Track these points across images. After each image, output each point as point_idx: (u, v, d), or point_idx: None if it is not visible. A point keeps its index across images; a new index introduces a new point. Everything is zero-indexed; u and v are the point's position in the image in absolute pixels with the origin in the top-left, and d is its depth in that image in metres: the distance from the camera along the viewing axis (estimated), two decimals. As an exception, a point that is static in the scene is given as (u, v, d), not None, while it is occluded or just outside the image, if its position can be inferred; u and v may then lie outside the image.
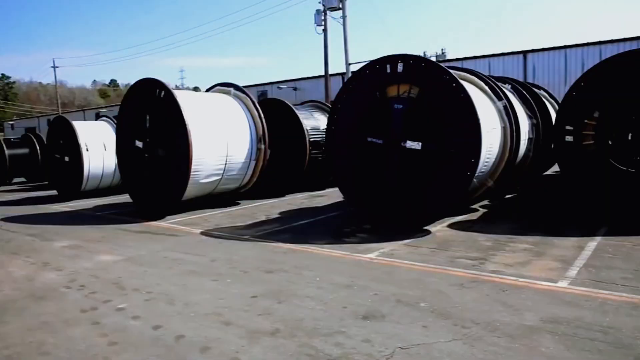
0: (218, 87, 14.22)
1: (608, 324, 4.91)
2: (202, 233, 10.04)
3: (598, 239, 8.40)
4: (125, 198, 14.75)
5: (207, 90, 14.68)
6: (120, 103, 13.95)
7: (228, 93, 13.73)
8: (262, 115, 13.16)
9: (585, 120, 9.85)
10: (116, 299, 6.15)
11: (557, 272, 6.67)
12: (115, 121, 15.26)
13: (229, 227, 10.52)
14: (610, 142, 9.65)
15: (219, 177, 12.26)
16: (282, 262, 7.60)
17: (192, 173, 11.25)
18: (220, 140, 12.11)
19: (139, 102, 12.32)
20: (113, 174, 16.62)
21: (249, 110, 13.27)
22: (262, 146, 12.97)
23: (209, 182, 12.09)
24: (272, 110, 14.74)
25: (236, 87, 13.82)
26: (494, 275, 6.59)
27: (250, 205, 13.44)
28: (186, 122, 11.04)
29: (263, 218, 11.54)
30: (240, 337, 4.90)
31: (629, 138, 9.45)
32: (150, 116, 12.04)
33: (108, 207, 14.52)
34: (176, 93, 11.66)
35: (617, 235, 8.59)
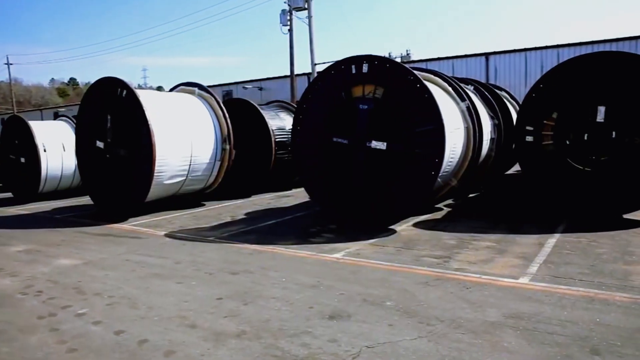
0: (182, 87, 14.00)
1: (566, 318, 5.06)
2: (166, 235, 9.86)
3: (557, 235, 8.65)
4: (85, 200, 14.36)
5: (171, 90, 14.44)
6: (80, 102, 13.56)
7: (192, 93, 13.54)
8: (227, 115, 13.03)
9: (545, 121, 10.14)
10: (76, 305, 5.97)
11: (518, 269, 6.83)
12: (75, 121, 14.83)
13: (194, 229, 10.37)
14: (567, 142, 9.95)
15: (184, 177, 12.07)
16: (247, 263, 7.53)
17: (155, 174, 11.03)
18: (184, 141, 11.93)
19: (100, 101, 12.02)
20: (73, 175, 16.17)
21: (214, 110, 13.11)
22: (227, 146, 12.84)
23: (173, 183, 11.89)
24: (238, 110, 14.62)
25: (200, 87, 13.64)
26: (458, 273, 6.71)
27: (215, 206, 13.28)
28: (149, 122, 10.82)
29: (228, 219, 11.42)
30: (205, 339, 4.82)
31: (585, 138, 9.78)
32: (111, 116, 11.75)
33: (67, 210, 14.10)
34: (138, 92, 11.43)
35: (574, 232, 8.87)
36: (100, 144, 11.95)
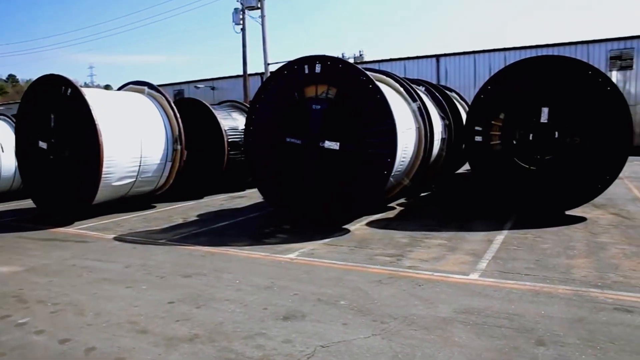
0: (131, 86, 13.60)
1: (513, 311, 5.24)
2: (114, 238, 9.55)
3: (505, 232, 8.94)
4: (27, 203, 13.71)
5: (119, 89, 14.00)
6: (20, 101, 12.94)
7: (142, 92, 13.18)
8: (178, 115, 12.76)
9: (492, 122, 10.46)
10: (16, 314, 5.67)
11: (468, 265, 7.02)
12: (15, 120, 14.13)
13: (144, 231, 10.09)
14: (514, 142, 10.30)
15: (133, 179, 11.73)
16: (200, 266, 7.39)
17: (103, 175, 10.67)
18: (133, 141, 11.59)
19: (43, 100, 11.50)
20: (13, 177, 15.38)
21: (164, 110, 12.81)
22: (179, 147, 12.58)
23: (122, 185, 11.53)
24: (189, 110, 14.35)
25: (150, 86, 13.30)
26: (410, 271, 6.82)
27: (166, 208, 12.98)
28: (96, 122, 10.46)
29: (180, 221, 11.19)
30: (156, 345, 4.70)
31: (530, 138, 10.15)
32: (55, 115, 11.28)
33: (7, 214, 13.42)
34: (84, 91, 11.02)
35: (521, 228, 9.20)
36: (43, 145, 11.45)
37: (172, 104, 13.00)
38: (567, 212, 10.20)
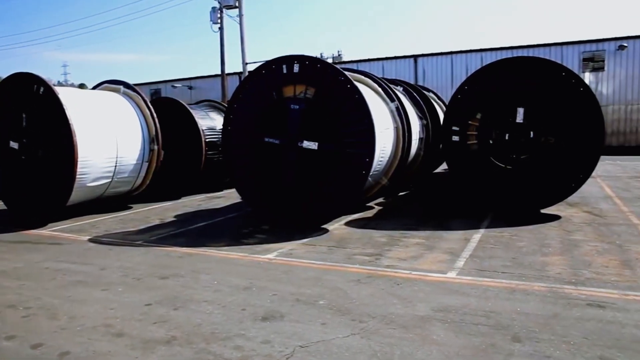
0: (106, 85, 13.38)
1: (490, 309, 5.31)
2: (90, 240, 9.38)
3: (482, 231, 9.06)
4: (-1, 205, 13.39)
5: (94, 88, 13.76)
6: (-9, 100, 12.59)
7: (117, 91, 12.97)
8: (154, 114, 12.59)
9: (469, 121, 10.58)
10: (-13, 317, 5.53)
11: (446, 263, 7.09)
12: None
13: (120, 233, 9.94)
14: (491, 142, 10.44)
15: (109, 179, 11.54)
16: (177, 267, 7.31)
17: (77, 176, 10.47)
18: (109, 141, 11.40)
19: (14, 98, 11.22)
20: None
21: (141, 110, 12.63)
22: (155, 147, 12.42)
23: (98, 186, 11.34)
24: (166, 109, 14.17)
25: (126, 85, 13.09)
26: (389, 270, 6.85)
27: (143, 209, 12.81)
28: (70, 121, 10.25)
29: (157, 222, 11.05)
30: (133, 348, 4.62)
31: (507, 138, 10.30)
32: (27, 115, 11.01)
33: (-21, 216, 13.08)
34: (58, 90, 10.80)
35: (498, 227, 9.33)
36: (14, 145, 11.17)
37: (149, 104, 12.83)
38: (542, 211, 10.38)
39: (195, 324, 5.15)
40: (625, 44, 28.57)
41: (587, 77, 28.87)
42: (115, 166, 11.55)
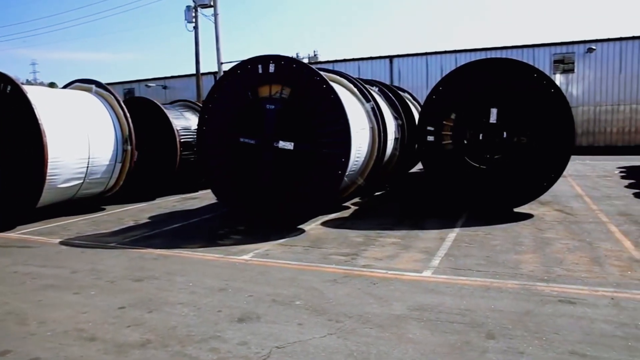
0: (77, 84, 13.11)
1: (465, 307, 5.37)
2: (61, 243, 9.17)
3: (457, 230, 9.16)
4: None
5: (65, 87, 13.47)
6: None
7: (89, 90, 12.72)
8: (127, 114, 12.40)
9: (444, 122, 10.70)
10: (-47, 323, 5.36)
11: (422, 263, 7.15)
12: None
13: (93, 235, 9.75)
14: (465, 142, 10.57)
15: (81, 181, 11.32)
16: (152, 269, 7.21)
17: (48, 177, 10.23)
18: (80, 141, 11.18)
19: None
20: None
21: (114, 110, 12.42)
22: (129, 147, 12.22)
23: (69, 187, 11.10)
24: (140, 109, 13.96)
25: (98, 84, 12.85)
26: (365, 270, 6.87)
27: (117, 210, 12.59)
28: (39, 121, 10.01)
29: (131, 223, 10.87)
30: (106, 352, 4.54)
31: (480, 138, 10.45)
32: (-5, 114, 10.72)
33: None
34: (26, 88, 10.54)
35: (472, 226, 9.45)
36: (-18, 146, 10.86)
37: (122, 103, 12.63)
38: (516, 209, 10.56)
39: (170, 326, 5.09)
40: (594, 47, 29.29)
41: (558, 79, 29.50)
42: (88, 167, 11.34)
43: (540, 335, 4.61)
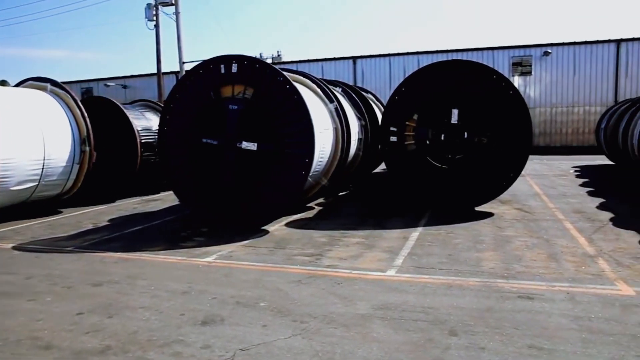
0: (31, 82, 12.64)
1: (428, 305, 5.44)
2: (14, 247, 8.82)
3: (420, 229, 9.29)
4: None
5: (17, 85, 12.97)
6: None
7: (44, 89, 12.29)
8: (85, 114, 12.04)
9: (407, 122, 10.83)
10: None
11: (385, 262, 7.21)
12: None
13: (49, 239, 9.42)
14: (427, 142, 10.73)
15: (35, 183, 10.93)
16: (112, 273, 7.02)
17: None
18: (34, 142, 10.79)
19: None
20: None
21: (70, 109, 12.04)
22: (87, 148, 11.88)
23: (23, 189, 10.71)
24: (99, 109, 13.59)
25: (54, 83, 12.43)
26: (329, 270, 6.89)
27: (74, 213, 12.21)
28: (-9, 122, 9.63)
29: (90, 226, 10.57)
30: (62, 360, 4.39)
31: (442, 138, 10.62)
32: (-57, 114, 10.25)
33: None
34: (-23, 88, 10.11)
35: (435, 225, 9.60)
36: None
37: (79, 103, 12.26)
38: (477, 208, 10.79)
39: (131, 331, 4.96)
40: (550, 50, 30.28)
41: (517, 81, 30.35)
42: (43, 168, 10.96)
43: (500, 331, 4.72)
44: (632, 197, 12.56)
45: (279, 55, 40.22)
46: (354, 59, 34.18)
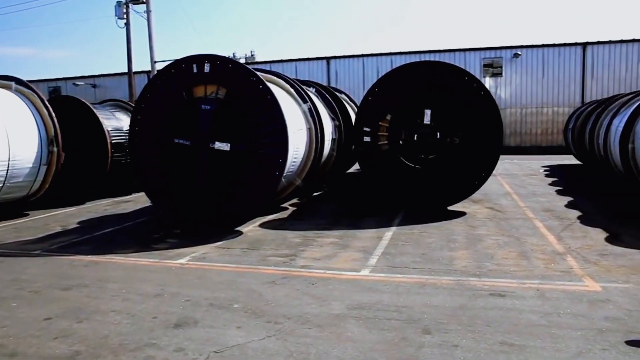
0: (-5, 81, 12.28)
1: (402, 304, 5.48)
2: (-21, 251, 8.56)
3: (393, 229, 9.35)
4: None
5: (-18, 85, 12.59)
6: None
7: (8, 88, 11.92)
8: (53, 114, 11.74)
9: (380, 123, 10.89)
10: None
11: (359, 262, 7.23)
12: None
13: (15, 243, 9.16)
14: (400, 142, 10.81)
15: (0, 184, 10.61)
16: (81, 277, 6.86)
17: (-37, 181, 9.53)
18: None
19: None
20: None
21: (37, 109, 11.72)
22: (55, 149, 11.58)
23: (-12, 192, 10.38)
24: (67, 109, 13.29)
25: (19, 82, 12.07)
26: (304, 270, 6.87)
27: (42, 216, 11.91)
28: (-47, 122, 9.31)
29: (58, 229, 10.31)
30: (29, 366, 4.27)
31: (415, 139, 10.71)
32: None
33: None
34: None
35: (408, 224, 9.68)
36: None
37: (46, 102, 11.94)
38: (449, 208, 10.92)
39: (101, 336, 4.86)
40: (520, 52, 30.88)
41: (488, 82, 30.86)
42: (7, 170, 10.64)
43: (473, 328, 4.79)
44: (599, 196, 12.91)
45: (252, 55, 40.02)
46: (328, 59, 34.26)
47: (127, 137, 11.36)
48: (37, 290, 6.35)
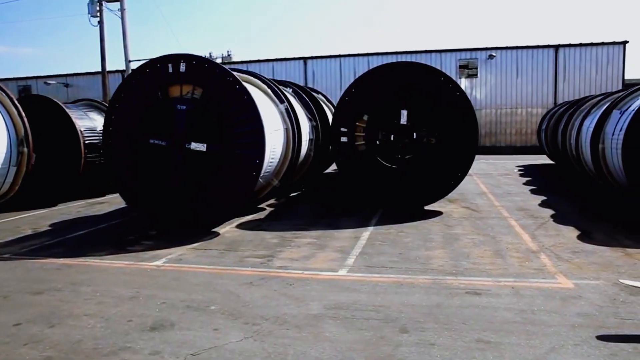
0: (-36, 81, 11.96)
1: (379, 303, 5.50)
2: (-54, 255, 8.30)
3: (370, 229, 9.39)
4: None
5: (-51, 84, 12.24)
6: None
7: (-23, 88, 11.64)
8: (23, 114, 11.47)
9: (357, 123, 10.92)
10: None
11: (337, 262, 7.24)
12: None
13: (-16, 246, 8.91)
14: (377, 142, 10.86)
15: (-31, 186, 10.32)
16: (53, 280, 6.71)
17: None
18: (-32, 143, 10.19)
19: None
20: None
21: (6, 108, 11.43)
22: (25, 149, 11.32)
23: (-45, 194, 10.09)
24: (38, 109, 13.00)
25: (-11, 81, 11.80)
26: (281, 271, 6.85)
27: (12, 218, 11.60)
28: None
29: (29, 232, 10.07)
30: (-2, 373, 4.15)
31: (392, 139, 10.77)
32: None
33: None
34: None
35: (385, 224, 9.73)
36: None
37: (16, 102, 11.66)
38: (426, 207, 11.01)
39: (74, 340, 4.75)
40: (494, 54, 31.37)
41: (463, 83, 31.26)
42: (-23, 171, 10.36)
43: (449, 327, 4.83)
44: (571, 195, 13.19)
45: (229, 55, 39.79)
46: (305, 59, 34.26)
47: (101, 137, 11.17)
48: (6, 295, 6.18)
